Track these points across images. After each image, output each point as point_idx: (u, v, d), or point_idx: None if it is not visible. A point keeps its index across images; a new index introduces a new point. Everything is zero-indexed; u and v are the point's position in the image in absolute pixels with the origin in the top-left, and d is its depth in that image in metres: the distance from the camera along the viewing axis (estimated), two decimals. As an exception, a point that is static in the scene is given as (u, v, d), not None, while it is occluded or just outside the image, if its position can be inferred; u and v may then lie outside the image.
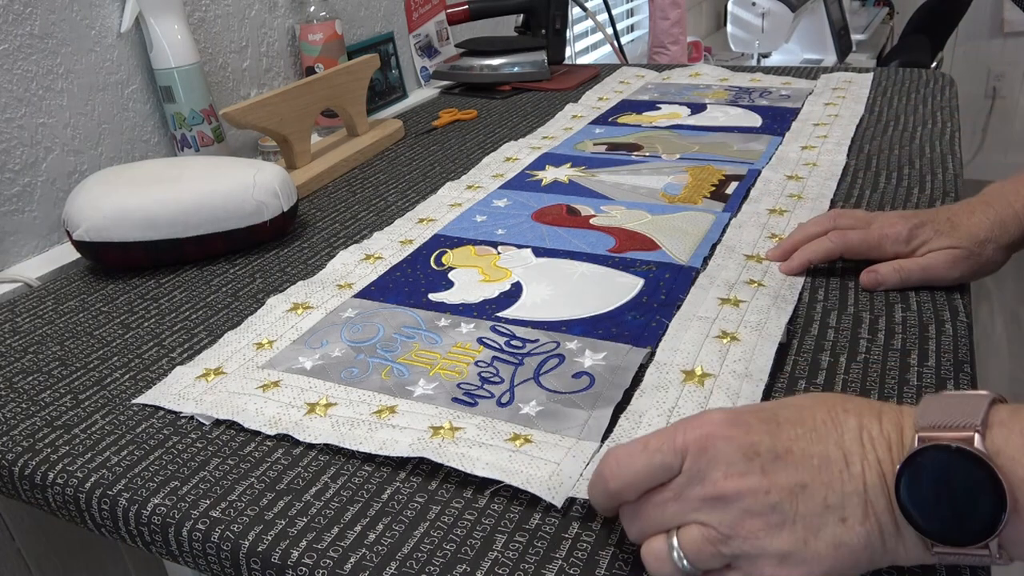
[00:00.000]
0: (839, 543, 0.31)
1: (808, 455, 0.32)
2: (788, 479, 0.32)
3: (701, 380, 0.49)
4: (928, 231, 0.57)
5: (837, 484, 0.32)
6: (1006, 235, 0.56)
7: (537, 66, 1.24)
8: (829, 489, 0.32)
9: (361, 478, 0.43)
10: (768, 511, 0.32)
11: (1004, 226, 0.56)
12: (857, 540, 0.31)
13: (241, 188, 0.69)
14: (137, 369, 0.55)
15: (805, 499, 0.32)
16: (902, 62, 2.21)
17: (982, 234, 0.56)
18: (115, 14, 0.81)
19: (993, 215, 0.56)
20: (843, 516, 0.31)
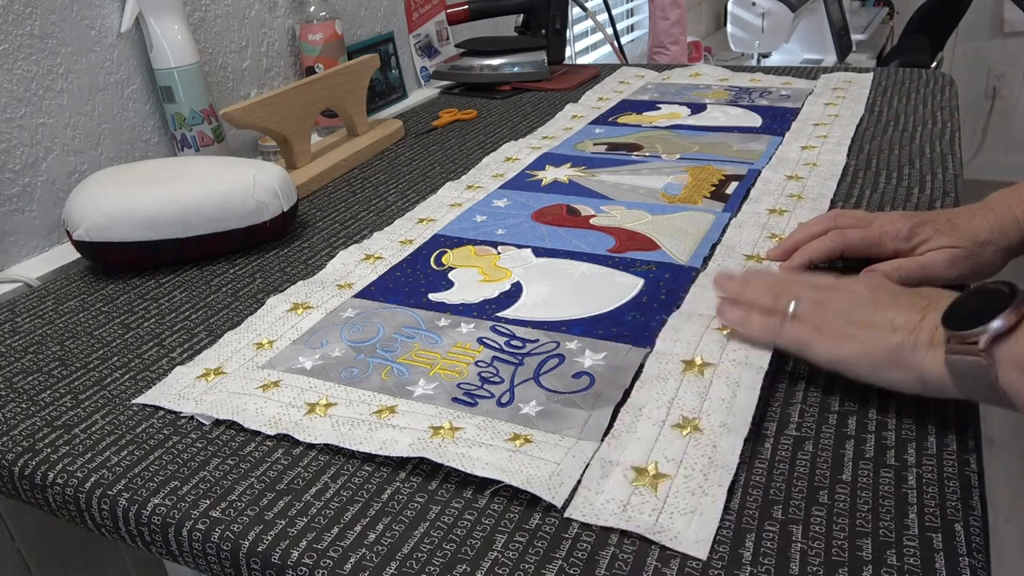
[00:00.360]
0: (879, 338, 0.44)
1: (911, 295, 0.46)
2: (883, 300, 0.46)
3: (701, 369, 0.49)
4: (928, 230, 0.57)
5: (906, 312, 0.44)
6: (1005, 239, 0.56)
7: (537, 66, 1.24)
8: (899, 312, 0.44)
9: (361, 478, 0.43)
10: (854, 311, 0.46)
11: (1004, 230, 0.56)
12: (893, 340, 0.43)
13: (241, 188, 0.69)
14: (137, 369, 0.55)
15: (881, 312, 0.45)
16: (902, 62, 2.21)
17: (982, 236, 0.56)
18: (115, 14, 0.81)
19: (993, 219, 0.57)
20: (895, 327, 0.44)
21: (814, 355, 0.47)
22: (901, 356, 0.43)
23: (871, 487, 0.40)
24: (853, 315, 0.46)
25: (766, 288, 0.52)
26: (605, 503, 0.40)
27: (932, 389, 0.42)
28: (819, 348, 0.46)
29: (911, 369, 0.43)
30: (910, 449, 0.42)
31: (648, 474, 0.41)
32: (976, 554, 0.36)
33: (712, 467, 0.41)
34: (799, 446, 0.43)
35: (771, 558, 0.37)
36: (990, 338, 0.38)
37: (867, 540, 0.37)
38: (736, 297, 0.53)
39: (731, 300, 0.54)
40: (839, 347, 0.45)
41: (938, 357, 0.41)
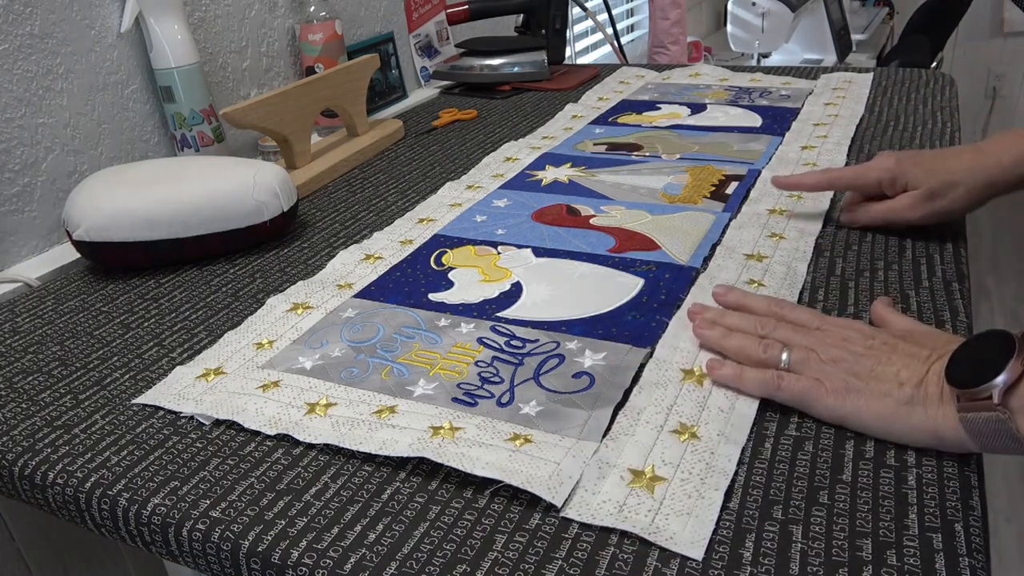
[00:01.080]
0: (887, 393, 0.43)
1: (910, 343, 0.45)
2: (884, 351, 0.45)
3: (700, 380, 0.49)
4: (912, 171, 0.61)
5: (911, 365, 0.43)
6: (984, 176, 0.60)
7: (537, 66, 1.24)
8: (904, 366, 0.44)
9: (361, 478, 0.43)
10: (854, 361, 0.45)
11: (985, 170, 0.60)
12: (902, 396, 0.42)
13: (241, 188, 0.69)
14: (137, 369, 0.55)
15: (885, 365, 0.44)
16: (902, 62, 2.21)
17: (955, 176, 0.60)
18: (115, 14, 0.81)
19: (978, 159, 0.60)
20: (902, 382, 0.43)
21: (817, 411, 0.45)
22: (913, 412, 0.42)
23: (871, 487, 0.40)
24: (855, 367, 0.44)
25: (749, 336, 0.49)
26: (601, 503, 0.40)
27: (949, 445, 0.41)
28: (823, 404, 0.44)
29: (925, 425, 0.42)
30: (910, 449, 0.42)
31: (645, 476, 0.41)
32: (976, 554, 0.36)
33: (709, 472, 0.41)
34: (799, 446, 0.43)
35: (771, 558, 0.37)
36: (1002, 391, 0.38)
37: (867, 540, 0.37)
38: (718, 348, 0.50)
39: (708, 323, 0.51)
40: (844, 402, 0.44)
41: (950, 414, 0.41)
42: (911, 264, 0.61)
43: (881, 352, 0.45)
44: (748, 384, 0.47)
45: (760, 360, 0.48)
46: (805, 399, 0.45)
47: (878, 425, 0.43)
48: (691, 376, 0.49)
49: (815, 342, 0.47)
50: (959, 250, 0.63)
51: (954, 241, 0.64)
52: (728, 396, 0.47)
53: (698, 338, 0.52)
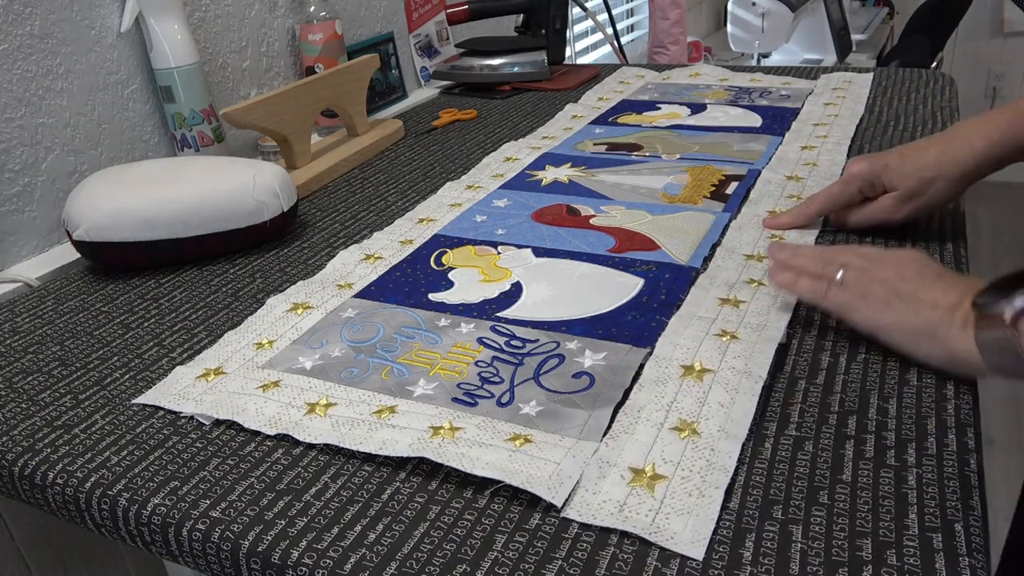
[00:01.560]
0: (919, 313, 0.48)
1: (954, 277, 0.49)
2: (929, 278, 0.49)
3: (700, 375, 0.49)
4: (887, 173, 0.62)
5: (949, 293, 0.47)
6: (957, 168, 0.61)
7: (537, 66, 1.24)
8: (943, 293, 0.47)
9: (361, 478, 0.43)
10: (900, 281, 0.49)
11: (956, 161, 0.61)
12: (932, 317, 0.47)
13: (241, 188, 0.69)
14: (137, 369, 0.55)
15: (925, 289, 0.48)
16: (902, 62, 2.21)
17: (928, 171, 0.61)
18: (115, 14, 0.81)
19: (946, 149, 0.61)
20: (935, 305, 0.47)
21: (855, 320, 0.51)
22: (936, 332, 0.46)
23: (871, 487, 0.40)
24: (899, 287, 0.49)
25: (816, 256, 0.55)
26: (602, 503, 0.40)
27: (958, 365, 0.46)
28: (861, 314, 0.50)
29: (942, 345, 0.46)
30: (910, 449, 0.42)
31: (645, 475, 0.41)
32: (976, 554, 0.36)
33: (710, 469, 0.41)
34: (799, 446, 0.43)
35: (771, 558, 0.37)
36: (1015, 312, 0.41)
37: (867, 540, 0.37)
38: (787, 263, 0.56)
39: (782, 265, 0.56)
40: (880, 314, 0.49)
41: (968, 335, 0.44)
42: (911, 264, 0.61)
43: (927, 279, 0.49)
44: (800, 288, 0.53)
45: (818, 273, 0.53)
46: (846, 308, 0.51)
47: (903, 339, 0.48)
48: (691, 372, 0.49)
49: (871, 264, 0.52)
50: (959, 250, 0.63)
51: (954, 241, 0.64)
52: (728, 391, 0.47)
53: (770, 256, 0.58)
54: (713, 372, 0.49)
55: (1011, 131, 0.59)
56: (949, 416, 0.45)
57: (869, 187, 0.63)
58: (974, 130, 0.61)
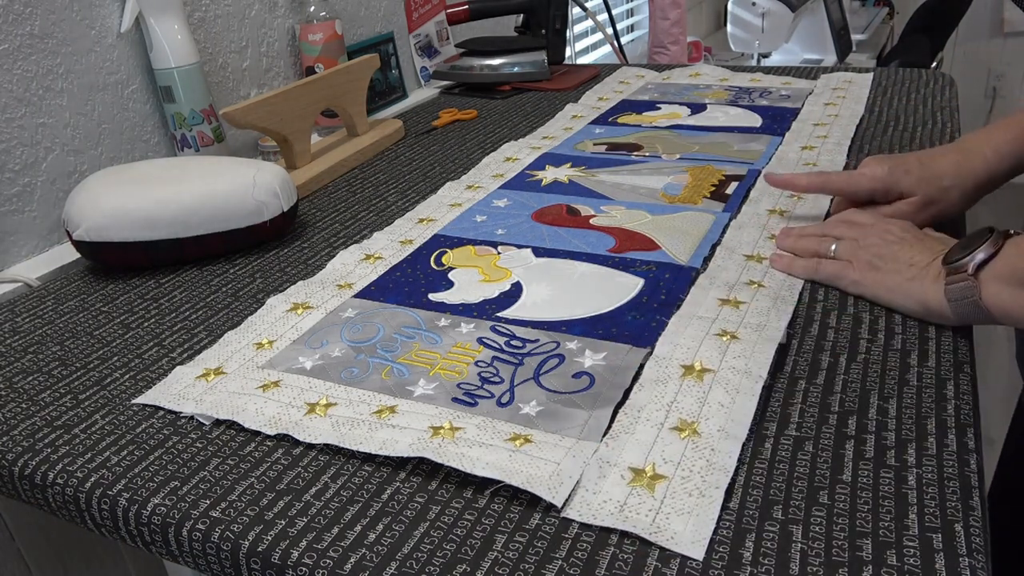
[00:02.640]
0: (899, 272, 0.54)
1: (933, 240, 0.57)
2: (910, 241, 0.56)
3: (700, 375, 0.49)
4: (904, 179, 0.63)
5: (925, 253, 0.54)
6: (972, 178, 0.62)
7: (537, 66, 1.24)
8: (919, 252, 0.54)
9: (361, 478, 0.43)
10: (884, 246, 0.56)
11: (971, 170, 0.62)
12: (909, 274, 0.54)
13: (241, 188, 0.69)
14: (137, 369, 0.55)
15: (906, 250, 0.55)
16: (902, 62, 2.21)
17: (946, 180, 0.62)
18: (115, 14, 0.81)
19: (961, 159, 0.62)
20: (912, 263, 0.54)
21: (843, 284, 0.57)
22: (911, 286, 0.53)
23: (871, 487, 0.40)
24: (882, 250, 0.56)
25: (815, 234, 0.62)
26: (602, 503, 0.40)
27: (932, 315, 0.52)
28: (848, 278, 0.57)
29: (916, 296, 0.52)
30: (910, 449, 0.42)
31: (645, 475, 0.41)
32: (976, 554, 0.36)
33: (710, 469, 0.41)
34: (799, 446, 0.43)
35: (771, 558, 0.37)
36: (976, 264, 0.48)
37: (867, 540, 0.37)
38: (791, 249, 0.63)
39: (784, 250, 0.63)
40: (864, 276, 0.56)
41: (938, 287, 0.51)
42: (911, 264, 0.61)
43: (907, 242, 0.56)
44: (796, 269, 0.60)
45: (815, 251, 0.60)
46: (836, 277, 0.58)
47: (885, 295, 0.55)
48: (691, 372, 0.49)
49: (861, 234, 0.58)
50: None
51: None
52: (728, 391, 0.47)
53: (777, 244, 0.64)
54: (713, 372, 0.49)
55: (1020, 143, 0.61)
56: (949, 416, 0.45)
57: (884, 192, 0.64)
58: (985, 142, 0.62)
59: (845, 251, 0.58)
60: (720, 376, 0.48)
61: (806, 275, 0.59)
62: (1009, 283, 0.47)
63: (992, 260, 0.48)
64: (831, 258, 0.59)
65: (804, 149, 0.86)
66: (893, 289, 0.54)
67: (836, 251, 0.59)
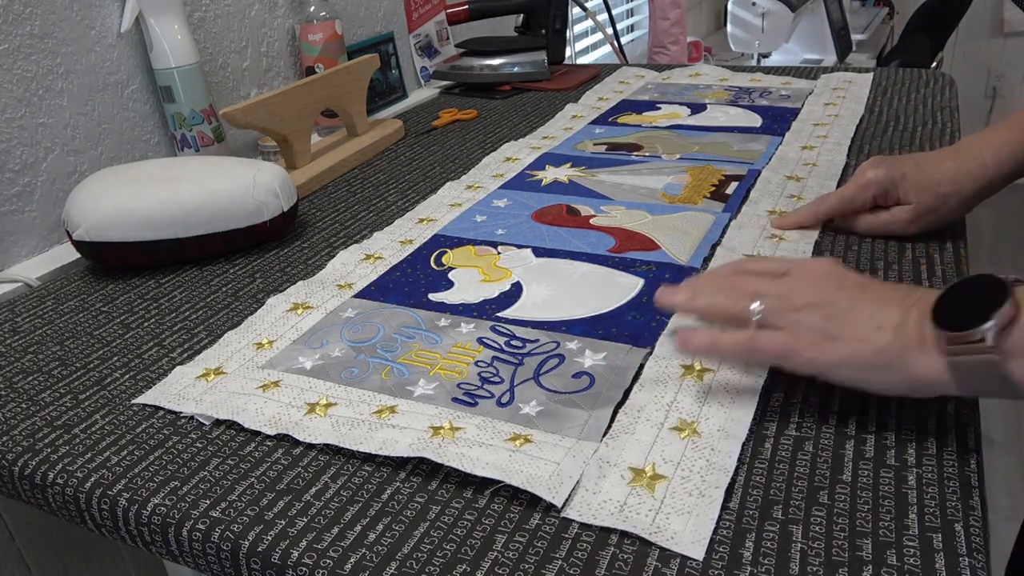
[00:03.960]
0: (865, 340, 0.41)
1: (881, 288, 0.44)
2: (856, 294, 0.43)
3: (700, 375, 0.49)
4: (902, 184, 0.61)
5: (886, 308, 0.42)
6: (971, 184, 0.60)
7: (537, 66, 1.24)
8: (879, 308, 0.42)
9: (361, 478, 0.43)
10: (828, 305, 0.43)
11: (970, 175, 0.60)
12: (880, 341, 0.41)
13: (241, 188, 0.69)
14: (137, 369, 0.55)
15: (859, 309, 0.43)
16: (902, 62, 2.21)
17: (944, 186, 0.60)
18: (115, 14, 0.81)
19: (960, 164, 0.60)
20: (879, 325, 0.41)
21: (795, 365, 0.44)
22: (890, 359, 0.41)
23: (871, 487, 0.40)
24: (830, 311, 0.43)
25: (717, 290, 0.48)
26: (602, 503, 0.40)
27: (922, 391, 0.41)
28: (801, 357, 0.43)
29: (900, 372, 0.41)
30: (910, 449, 0.42)
31: (645, 475, 0.41)
32: (976, 554, 0.36)
33: (710, 469, 0.41)
34: (799, 446, 0.43)
35: (771, 558, 0.37)
36: (996, 333, 0.37)
37: (867, 540, 0.37)
38: (688, 309, 0.50)
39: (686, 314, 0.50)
40: (823, 352, 0.42)
41: (932, 358, 0.39)
42: (911, 264, 0.61)
43: (855, 292, 0.44)
44: (724, 349, 0.46)
45: (731, 315, 0.46)
46: (783, 356, 0.44)
47: (853, 373, 0.42)
48: (691, 372, 0.49)
49: (787, 288, 0.45)
50: (959, 250, 0.63)
51: (954, 241, 0.64)
52: (728, 390, 0.47)
53: (666, 306, 0.50)
54: (713, 371, 0.49)
55: (1020, 146, 0.59)
56: (949, 416, 0.45)
57: (883, 195, 0.62)
58: (985, 146, 0.60)
59: (776, 314, 0.44)
60: (720, 375, 0.48)
61: (740, 355, 0.46)
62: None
63: (1016, 326, 0.37)
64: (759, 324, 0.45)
65: (804, 149, 0.86)
66: (866, 366, 0.42)
67: (761, 314, 0.45)
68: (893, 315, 0.42)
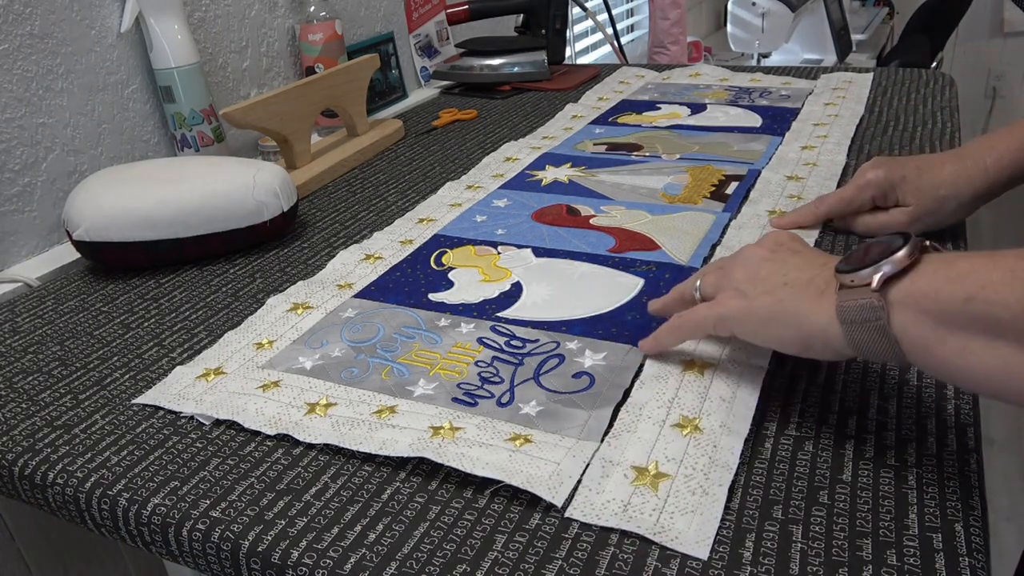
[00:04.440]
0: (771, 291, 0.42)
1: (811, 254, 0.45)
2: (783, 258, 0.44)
3: (701, 370, 0.49)
4: (902, 185, 0.61)
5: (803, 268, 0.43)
6: (970, 188, 0.59)
7: (537, 66, 1.24)
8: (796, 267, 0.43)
9: (361, 478, 0.43)
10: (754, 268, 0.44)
11: (970, 179, 0.59)
12: (785, 294, 0.42)
13: (241, 188, 0.69)
14: (137, 369, 0.55)
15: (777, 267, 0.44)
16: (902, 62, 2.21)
17: (943, 189, 0.59)
18: (115, 14, 0.81)
19: (960, 168, 0.60)
20: (786, 282, 0.42)
21: (710, 326, 0.45)
22: (786, 310, 0.41)
23: (871, 487, 0.40)
24: (748, 271, 0.44)
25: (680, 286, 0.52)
26: (606, 503, 0.40)
27: (814, 348, 0.40)
28: (712, 315, 0.45)
29: (794, 325, 0.41)
30: (910, 449, 0.42)
31: (648, 474, 0.41)
32: (976, 554, 0.36)
33: (713, 466, 0.41)
34: (799, 446, 0.43)
35: (771, 558, 0.37)
36: (883, 278, 0.36)
37: (867, 540, 0.37)
38: (658, 312, 0.54)
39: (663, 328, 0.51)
40: (728, 305, 0.44)
41: (824, 308, 0.39)
42: (911, 264, 0.61)
43: (778, 258, 0.44)
44: (663, 339, 0.49)
45: (679, 297, 0.51)
46: (699, 322, 0.46)
47: (754, 327, 0.43)
48: (692, 367, 0.49)
49: (728, 262, 0.47)
50: (959, 250, 0.63)
51: (954, 241, 0.64)
52: (729, 385, 0.47)
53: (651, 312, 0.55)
54: (714, 366, 0.49)
55: (1022, 153, 0.58)
56: (949, 416, 0.45)
57: (882, 197, 0.62)
58: (988, 151, 0.59)
59: (710, 287, 0.47)
60: (721, 369, 0.48)
61: (677, 337, 0.48)
62: (930, 315, 0.35)
63: (905, 276, 0.36)
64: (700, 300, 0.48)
65: (804, 149, 0.86)
66: (765, 318, 0.42)
67: (701, 289, 0.48)
68: (806, 273, 0.42)
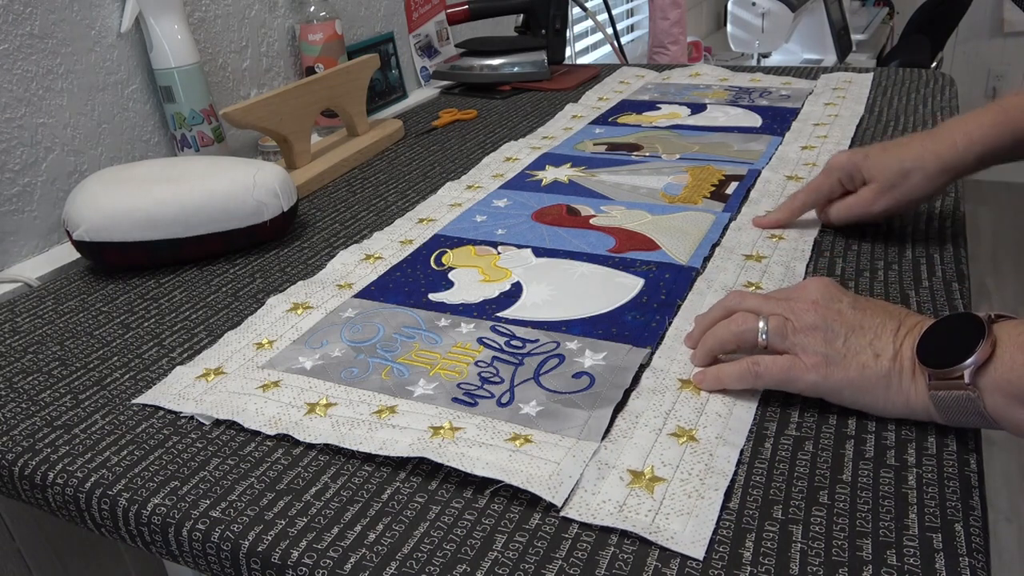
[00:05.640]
0: (866, 366, 0.44)
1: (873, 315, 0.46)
2: (853, 319, 0.45)
3: (697, 389, 0.48)
4: (866, 165, 0.62)
5: (883, 337, 0.44)
6: (936, 163, 0.59)
7: (537, 66, 1.24)
8: (876, 337, 0.44)
9: (361, 478, 0.43)
10: (828, 329, 0.45)
11: (937, 155, 0.59)
12: (880, 369, 0.43)
13: (241, 188, 0.69)
14: (137, 369, 0.55)
15: (857, 335, 0.45)
16: (902, 62, 2.21)
17: (907, 163, 0.60)
18: (115, 14, 0.81)
19: (928, 144, 0.60)
20: (877, 354, 0.44)
21: (799, 388, 0.46)
22: (890, 384, 0.43)
23: (871, 487, 0.40)
24: (829, 335, 0.45)
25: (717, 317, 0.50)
26: (601, 503, 0.40)
27: (917, 415, 0.44)
28: (805, 380, 0.45)
29: (900, 396, 0.43)
30: (910, 449, 0.42)
31: (644, 477, 0.41)
32: (976, 554, 0.36)
33: (709, 473, 0.41)
34: (799, 446, 0.43)
35: (771, 558, 0.37)
36: (973, 372, 0.40)
37: (867, 540, 0.37)
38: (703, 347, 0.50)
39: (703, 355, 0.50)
40: (826, 377, 0.44)
41: (921, 389, 0.42)
42: (911, 264, 0.61)
43: (852, 318, 0.45)
44: (728, 380, 0.47)
45: (737, 335, 0.48)
46: (787, 379, 0.46)
47: (855, 396, 0.44)
48: (689, 385, 0.49)
49: (787, 309, 0.47)
50: (959, 250, 0.63)
51: (954, 241, 0.64)
52: (726, 402, 0.47)
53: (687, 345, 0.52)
54: None
55: (995, 129, 0.58)
56: (949, 416, 0.45)
57: (848, 179, 0.63)
58: (957, 127, 0.60)
59: (779, 336, 0.46)
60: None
61: (744, 384, 0.47)
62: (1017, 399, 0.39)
63: (990, 365, 0.40)
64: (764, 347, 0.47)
65: (804, 149, 0.86)
66: (869, 390, 0.44)
67: (767, 333, 0.47)
68: (890, 344, 0.44)
